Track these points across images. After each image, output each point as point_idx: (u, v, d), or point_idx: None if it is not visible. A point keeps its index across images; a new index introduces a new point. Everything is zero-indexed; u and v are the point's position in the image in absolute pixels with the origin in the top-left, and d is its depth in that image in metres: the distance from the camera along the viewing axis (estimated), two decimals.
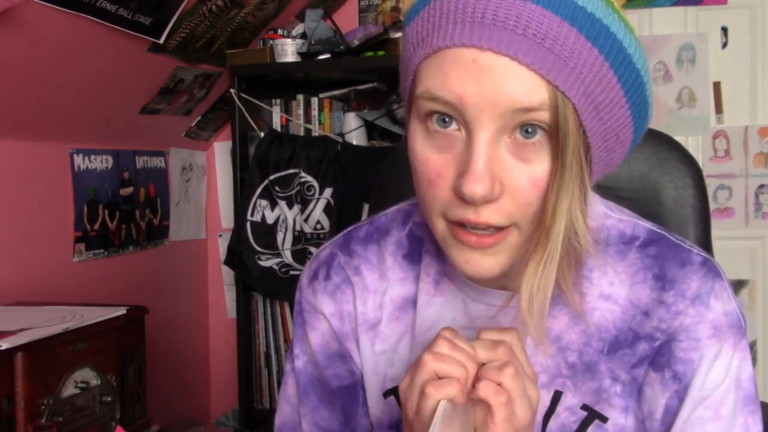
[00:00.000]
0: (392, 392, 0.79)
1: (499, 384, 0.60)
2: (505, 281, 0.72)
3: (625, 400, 0.73)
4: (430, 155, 0.62)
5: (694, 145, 2.38)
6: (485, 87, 0.57)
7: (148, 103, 2.12)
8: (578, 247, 0.64)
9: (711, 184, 2.34)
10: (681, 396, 0.71)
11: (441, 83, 0.59)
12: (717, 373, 0.71)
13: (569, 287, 0.68)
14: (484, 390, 0.60)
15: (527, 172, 0.60)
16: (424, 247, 0.79)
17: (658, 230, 0.76)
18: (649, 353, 0.72)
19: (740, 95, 2.36)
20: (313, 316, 0.82)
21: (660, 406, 0.72)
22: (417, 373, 0.62)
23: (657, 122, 2.36)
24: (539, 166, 0.60)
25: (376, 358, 0.79)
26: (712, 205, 2.30)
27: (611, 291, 0.73)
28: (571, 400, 0.73)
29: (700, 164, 1.25)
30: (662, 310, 0.72)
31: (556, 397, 0.73)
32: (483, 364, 0.63)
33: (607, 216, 0.76)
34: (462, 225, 0.62)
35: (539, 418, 0.73)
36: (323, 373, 0.82)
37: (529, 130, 0.59)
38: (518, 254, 0.64)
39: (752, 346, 2.24)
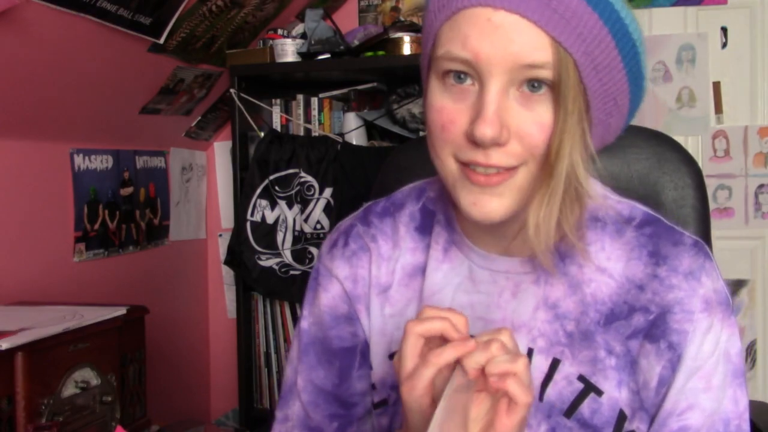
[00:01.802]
0: None
1: (515, 374, 0.62)
2: (510, 246, 0.77)
3: (619, 374, 0.76)
4: (445, 104, 0.69)
5: (694, 145, 2.38)
6: (498, 43, 0.64)
7: (148, 103, 2.12)
8: (580, 189, 0.70)
9: (711, 184, 2.34)
10: (674, 365, 0.75)
11: (461, 44, 0.66)
12: (708, 345, 0.75)
13: (572, 229, 0.72)
14: (514, 387, 0.62)
15: (533, 118, 0.66)
16: (436, 218, 0.85)
17: (654, 214, 0.81)
18: (644, 326, 0.76)
19: (740, 95, 2.36)
20: (327, 279, 0.88)
21: (656, 374, 0.75)
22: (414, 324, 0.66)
23: (657, 122, 2.36)
24: (544, 113, 0.66)
25: (384, 320, 0.84)
26: (711, 205, 2.30)
27: (608, 265, 0.78)
28: (568, 369, 0.77)
29: (700, 164, 1.25)
30: (656, 283, 0.76)
31: (554, 364, 0.77)
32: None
33: (606, 197, 0.81)
34: (471, 167, 0.68)
35: (537, 383, 0.77)
36: (327, 333, 0.87)
37: (535, 84, 0.66)
38: (523, 198, 0.69)
39: (752, 346, 2.23)
